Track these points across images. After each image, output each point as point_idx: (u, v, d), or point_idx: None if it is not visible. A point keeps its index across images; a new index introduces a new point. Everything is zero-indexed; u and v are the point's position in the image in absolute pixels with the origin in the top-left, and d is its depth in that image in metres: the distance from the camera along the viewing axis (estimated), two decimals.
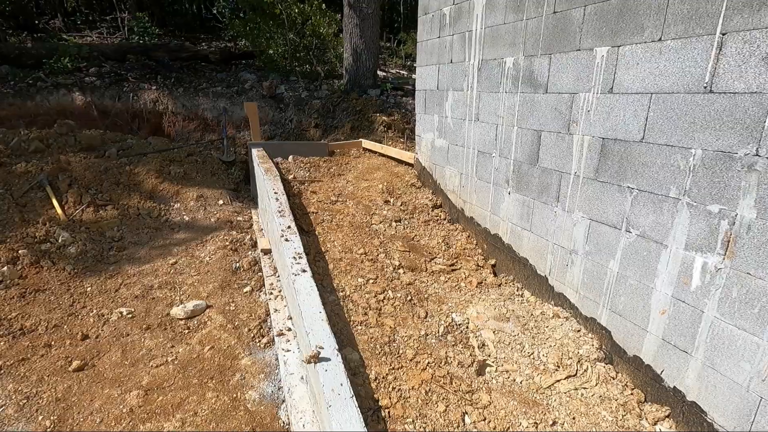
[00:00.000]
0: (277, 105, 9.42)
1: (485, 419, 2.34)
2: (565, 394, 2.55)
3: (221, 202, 5.84)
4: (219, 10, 15.27)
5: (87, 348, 3.16)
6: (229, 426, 2.50)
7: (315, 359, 2.18)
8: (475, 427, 2.29)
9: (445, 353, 2.79)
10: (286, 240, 3.39)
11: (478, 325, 3.06)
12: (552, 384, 2.61)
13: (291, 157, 6.25)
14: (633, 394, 2.58)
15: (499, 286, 3.71)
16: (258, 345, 3.21)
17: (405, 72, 12.81)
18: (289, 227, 3.62)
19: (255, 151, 5.95)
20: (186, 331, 3.36)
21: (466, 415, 2.34)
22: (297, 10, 10.38)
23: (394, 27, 16.25)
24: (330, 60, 11.04)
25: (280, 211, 3.91)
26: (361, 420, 1.85)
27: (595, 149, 2.79)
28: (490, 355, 2.82)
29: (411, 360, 2.69)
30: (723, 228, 2.09)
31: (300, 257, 3.15)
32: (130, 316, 3.54)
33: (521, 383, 2.63)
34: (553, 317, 3.16)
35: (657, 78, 2.35)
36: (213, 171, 6.52)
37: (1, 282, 3.85)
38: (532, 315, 3.20)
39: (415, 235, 4.38)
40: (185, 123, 8.59)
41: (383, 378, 2.51)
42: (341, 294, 3.25)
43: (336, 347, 2.27)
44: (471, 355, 2.81)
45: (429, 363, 2.67)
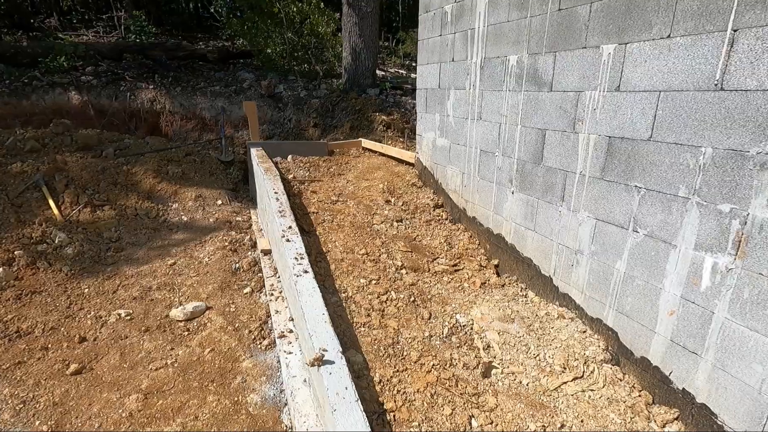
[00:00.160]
0: (276, 104, 9.36)
1: (492, 422, 2.30)
2: (573, 396, 2.52)
3: (220, 202, 5.78)
4: (216, 9, 15.20)
5: (85, 351, 3.10)
6: (231, 430, 2.46)
7: (319, 362, 2.14)
8: (483, 431, 2.25)
9: (450, 355, 2.75)
10: (287, 240, 3.34)
11: (482, 327, 3.02)
12: (559, 386, 2.58)
13: (290, 157, 6.19)
14: (641, 395, 2.55)
15: (503, 286, 3.67)
16: (259, 347, 3.16)
17: (404, 71, 12.77)
18: (290, 227, 3.57)
19: (254, 151, 5.89)
20: (186, 333, 3.31)
21: (472, 419, 2.31)
22: (295, 8, 10.32)
23: (392, 26, 16.22)
24: (328, 59, 10.99)
25: (280, 211, 3.86)
26: (367, 424, 1.81)
27: (602, 148, 2.75)
28: (495, 357, 2.78)
29: (415, 362, 2.65)
30: (734, 228, 2.06)
31: (302, 258, 3.11)
32: (128, 318, 3.48)
33: (528, 385, 2.59)
34: (558, 318, 3.13)
35: (666, 76, 2.32)
36: (211, 171, 6.45)
37: None
38: (536, 316, 3.17)
39: (417, 235, 4.34)
40: (183, 122, 8.52)
41: (388, 380, 2.47)
42: (343, 295, 3.21)
43: (340, 350, 2.23)
44: (476, 357, 2.77)
45: (434, 365, 2.63)
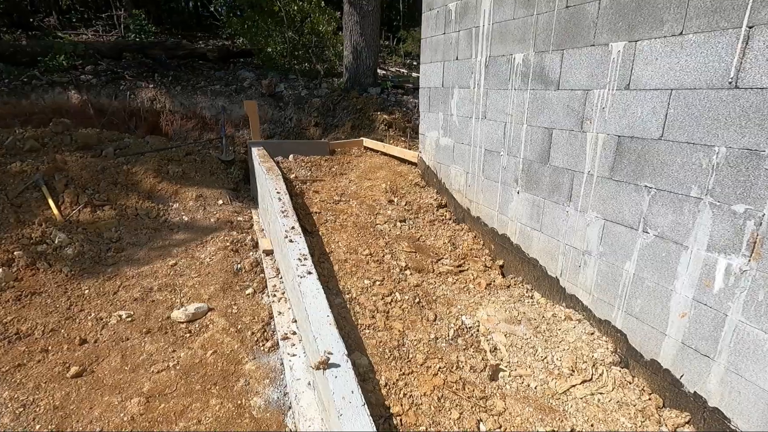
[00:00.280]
0: (277, 103, 9.31)
1: (501, 427, 2.26)
2: (582, 399, 2.48)
3: (221, 201, 5.73)
4: (216, 8, 15.14)
5: (85, 353, 3.06)
6: None
7: (324, 365, 2.10)
8: None
9: (457, 357, 2.71)
10: (290, 241, 3.30)
11: (489, 328, 2.98)
12: (567, 389, 2.53)
13: (292, 156, 6.14)
14: (651, 399, 2.51)
15: (508, 287, 3.63)
16: (262, 349, 3.12)
17: (405, 70, 12.72)
18: (293, 228, 3.52)
19: (255, 150, 5.84)
20: (187, 335, 3.27)
21: (481, 423, 2.27)
22: (296, 7, 10.26)
23: (392, 25, 16.16)
24: (329, 58, 10.93)
25: (283, 212, 3.81)
26: (374, 429, 1.77)
27: (611, 147, 2.71)
28: (502, 360, 2.74)
29: (422, 365, 2.61)
30: (749, 229, 2.02)
31: (305, 259, 3.06)
32: (129, 319, 3.44)
33: (536, 388, 2.55)
34: (566, 319, 3.08)
35: (677, 73, 2.27)
36: (212, 170, 6.41)
37: None
38: (543, 317, 3.13)
39: (421, 236, 4.29)
40: (183, 122, 8.45)
41: (394, 384, 2.43)
42: (347, 296, 3.16)
43: (345, 352, 2.19)
44: (483, 360, 2.73)
45: (440, 368, 2.58)
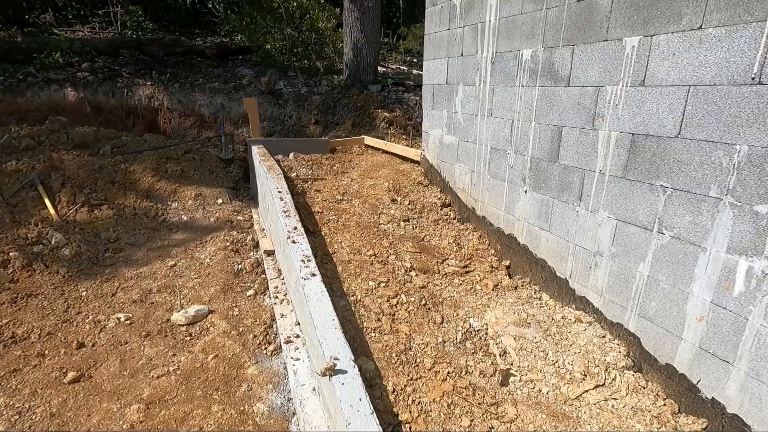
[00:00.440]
0: (276, 101, 9.20)
1: None
2: (595, 405, 2.41)
3: (220, 201, 5.64)
4: (214, 4, 15.00)
5: (83, 357, 2.98)
6: None
7: (330, 372, 2.02)
8: None
9: (465, 362, 2.64)
10: (292, 242, 3.22)
11: (497, 331, 2.91)
12: (580, 394, 2.46)
13: (292, 155, 6.05)
14: (666, 404, 2.44)
15: (516, 288, 3.55)
16: (264, 353, 3.04)
17: (405, 67, 12.62)
18: (296, 228, 3.44)
19: (255, 148, 5.74)
20: (188, 338, 3.19)
21: (493, 431, 2.19)
22: (295, 3, 10.15)
23: (392, 22, 16.05)
24: (329, 55, 10.83)
25: (285, 211, 3.73)
26: None
27: (624, 146, 2.63)
28: (513, 364, 2.67)
29: (430, 370, 2.53)
30: None
31: (308, 260, 2.98)
32: (128, 322, 3.35)
33: (548, 394, 2.48)
34: (576, 322, 3.01)
35: (696, 69, 2.20)
36: (211, 169, 6.31)
37: None
38: (553, 320, 3.06)
39: (425, 236, 4.22)
40: (181, 119, 8.36)
41: (401, 390, 2.36)
42: (352, 298, 3.09)
43: (352, 358, 2.11)
44: (493, 364, 2.65)
45: (449, 373, 2.51)
